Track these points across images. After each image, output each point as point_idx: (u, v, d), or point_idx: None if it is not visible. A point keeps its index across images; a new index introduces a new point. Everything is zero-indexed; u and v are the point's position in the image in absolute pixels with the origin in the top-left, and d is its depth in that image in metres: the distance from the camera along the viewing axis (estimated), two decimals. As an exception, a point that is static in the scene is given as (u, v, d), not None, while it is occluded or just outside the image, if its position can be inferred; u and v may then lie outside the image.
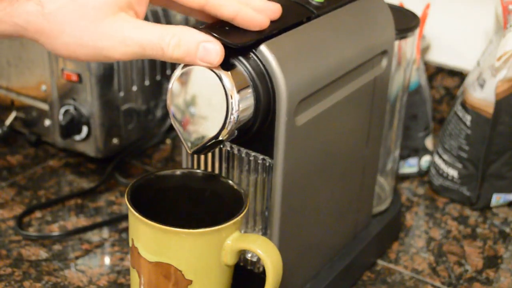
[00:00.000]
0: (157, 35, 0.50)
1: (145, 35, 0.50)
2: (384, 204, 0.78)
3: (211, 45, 0.50)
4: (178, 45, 0.50)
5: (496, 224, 0.83)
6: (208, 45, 0.50)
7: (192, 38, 0.50)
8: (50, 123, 0.89)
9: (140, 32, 0.50)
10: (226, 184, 0.58)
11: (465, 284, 0.73)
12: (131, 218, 0.55)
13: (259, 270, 0.61)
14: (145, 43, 0.50)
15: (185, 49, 0.50)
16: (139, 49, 0.50)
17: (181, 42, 0.50)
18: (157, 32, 0.50)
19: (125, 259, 0.74)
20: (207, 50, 0.50)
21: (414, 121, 0.90)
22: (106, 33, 0.50)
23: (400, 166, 0.90)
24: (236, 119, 0.52)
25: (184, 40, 0.50)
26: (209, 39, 0.50)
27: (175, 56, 0.50)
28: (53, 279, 0.70)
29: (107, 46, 0.50)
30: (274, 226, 0.58)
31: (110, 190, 0.85)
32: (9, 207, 0.81)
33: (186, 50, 0.50)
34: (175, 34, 0.50)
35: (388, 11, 0.65)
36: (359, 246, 0.72)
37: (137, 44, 0.50)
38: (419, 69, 0.90)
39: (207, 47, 0.50)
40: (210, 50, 0.50)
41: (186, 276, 0.54)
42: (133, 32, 0.50)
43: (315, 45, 0.57)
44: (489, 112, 0.81)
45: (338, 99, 0.60)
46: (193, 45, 0.50)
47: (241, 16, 0.52)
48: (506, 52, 0.77)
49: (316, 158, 0.60)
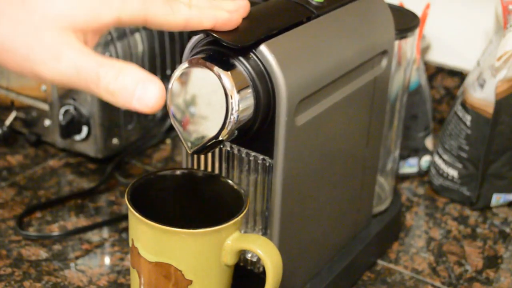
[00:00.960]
0: (97, 62, 0.45)
1: (84, 58, 0.45)
2: (384, 204, 0.78)
3: (152, 86, 0.45)
4: (115, 77, 0.45)
5: (496, 224, 0.83)
6: (150, 84, 0.45)
7: (133, 74, 0.45)
8: (50, 123, 0.89)
9: (79, 54, 0.45)
10: (226, 184, 0.58)
11: (465, 284, 0.73)
12: (131, 218, 0.55)
13: (259, 270, 0.61)
14: (81, 66, 0.45)
15: (122, 83, 0.45)
16: (73, 71, 0.45)
17: (120, 74, 0.45)
18: (98, 60, 0.45)
19: (125, 259, 0.74)
20: (147, 90, 0.45)
21: (414, 121, 0.90)
22: (43, 44, 0.45)
23: (400, 166, 0.90)
24: (236, 119, 0.52)
25: (124, 73, 0.45)
26: (152, 80, 0.45)
27: (110, 88, 0.45)
28: (53, 279, 0.70)
29: (39, 59, 0.45)
30: (274, 226, 0.58)
31: (110, 190, 0.85)
32: (9, 207, 0.81)
33: (123, 85, 0.45)
34: (116, 66, 0.45)
35: (388, 11, 0.65)
36: (359, 246, 0.72)
37: (72, 66, 0.45)
38: (419, 69, 0.90)
39: (148, 86, 0.45)
40: (149, 90, 0.45)
41: (186, 276, 0.54)
42: (71, 52, 0.45)
43: (315, 45, 0.57)
44: (489, 112, 0.81)
45: (338, 99, 0.60)
46: (133, 81, 0.45)
47: (219, 24, 0.51)
48: (506, 52, 0.77)
49: (316, 158, 0.60)
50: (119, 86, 0.45)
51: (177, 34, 0.92)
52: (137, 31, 0.86)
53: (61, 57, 0.45)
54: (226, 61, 0.52)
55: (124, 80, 0.45)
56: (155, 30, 0.88)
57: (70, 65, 0.45)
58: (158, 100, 0.45)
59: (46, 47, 0.45)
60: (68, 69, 0.45)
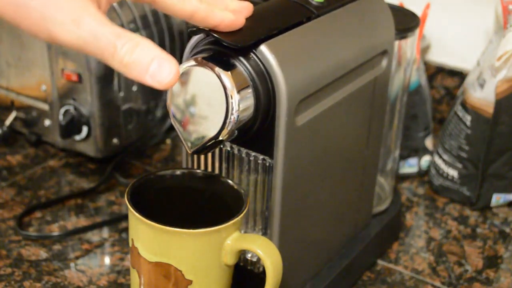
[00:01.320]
0: (115, 32, 0.45)
1: (103, 27, 0.44)
2: (384, 204, 0.78)
3: (167, 63, 0.45)
4: (131, 51, 0.44)
5: (496, 224, 0.83)
6: (165, 62, 0.45)
7: (150, 49, 0.45)
8: (50, 123, 0.89)
9: (99, 22, 0.45)
10: (226, 184, 0.58)
11: (465, 284, 0.73)
12: (131, 218, 0.55)
13: (259, 270, 0.61)
14: (100, 33, 0.44)
15: (137, 57, 0.44)
16: (90, 38, 0.44)
17: (137, 48, 0.44)
18: (117, 30, 0.45)
19: (125, 259, 0.74)
20: (161, 67, 0.44)
21: (414, 121, 0.90)
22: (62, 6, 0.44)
23: (400, 166, 0.90)
24: (236, 119, 0.52)
25: (141, 47, 0.45)
26: (168, 58, 0.45)
27: (125, 61, 0.44)
28: (53, 279, 0.70)
29: (58, 21, 0.44)
30: (274, 226, 0.58)
31: (110, 190, 0.85)
32: (9, 207, 0.81)
33: (138, 59, 0.44)
34: (134, 39, 0.45)
35: (388, 11, 0.65)
36: (359, 246, 0.72)
37: (91, 32, 0.44)
38: (419, 69, 0.90)
39: (162, 64, 0.45)
40: (164, 68, 0.44)
41: (186, 276, 0.54)
42: (91, 19, 0.44)
43: (315, 45, 0.57)
44: (489, 112, 0.81)
45: (338, 99, 0.60)
46: (148, 57, 0.45)
47: (225, 23, 0.51)
48: (506, 52, 0.77)
49: (316, 158, 0.60)
50: (134, 59, 0.44)
51: (177, 34, 0.92)
52: (137, 31, 0.86)
53: (81, 22, 0.44)
54: (226, 61, 0.52)
55: (140, 54, 0.44)
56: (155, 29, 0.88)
57: (88, 32, 0.44)
58: (172, 78, 0.45)
59: (65, 9, 0.44)
60: (87, 36, 0.44)
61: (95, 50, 0.45)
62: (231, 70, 0.52)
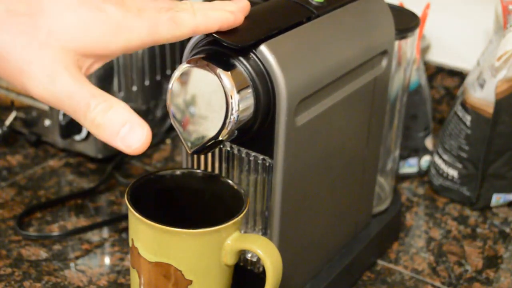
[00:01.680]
0: (90, 92, 0.44)
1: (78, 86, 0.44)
2: (384, 204, 0.78)
3: (139, 128, 0.44)
4: (104, 112, 0.44)
5: (496, 224, 0.83)
6: (137, 127, 0.44)
7: (123, 112, 0.44)
8: (50, 123, 0.89)
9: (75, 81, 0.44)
10: (226, 184, 0.58)
11: (465, 284, 0.73)
12: (131, 218, 0.55)
13: (259, 270, 0.61)
14: (74, 93, 0.44)
15: (109, 119, 0.44)
16: (64, 96, 0.44)
17: (110, 111, 0.44)
18: (91, 90, 0.44)
19: (125, 259, 0.74)
20: (132, 132, 0.44)
21: (414, 121, 0.90)
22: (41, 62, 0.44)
23: (400, 166, 0.90)
24: (236, 119, 0.52)
25: (114, 109, 0.44)
26: (141, 124, 0.44)
27: (96, 122, 0.44)
28: (53, 279, 0.70)
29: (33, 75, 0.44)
30: (274, 226, 0.58)
31: (110, 190, 0.85)
32: (9, 207, 0.81)
33: (110, 121, 0.44)
34: (108, 100, 0.44)
35: (388, 11, 0.65)
36: (359, 246, 0.72)
37: (65, 90, 0.44)
38: (419, 69, 0.90)
39: (134, 128, 0.44)
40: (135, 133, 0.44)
41: (186, 276, 0.54)
42: (67, 77, 0.44)
43: (315, 45, 0.57)
44: (489, 112, 0.81)
45: (338, 99, 0.60)
46: (120, 120, 0.44)
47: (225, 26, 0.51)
48: (506, 52, 0.77)
49: (316, 158, 0.60)
50: (106, 120, 0.44)
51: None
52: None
53: (56, 79, 0.44)
54: (226, 61, 0.52)
55: (112, 116, 0.44)
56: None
57: (63, 89, 0.44)
58: (142, 144, 0.44)
59: (43, 65, 0.44)
60: (60, 93, 0.44)
61: (68, 107, 0.45)
62: (231, 70, 0.52)
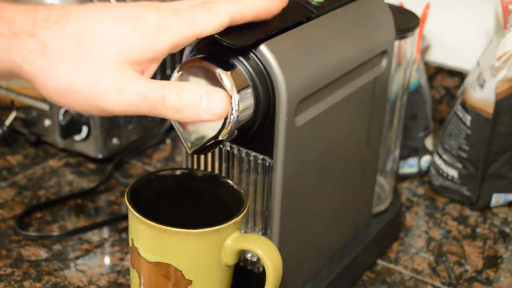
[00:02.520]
0: (159, 85, 0.47)
1: (146, 85, 0.47)
2: (384, 204, 0.78)
3: (215, 94, 0.47)
4: (179, 96, 0.47)
5: (496, 224, 0.83)
6: (212, 94, 0.47)
7: (195, 89, 0.47)
8: (50, 123, 0.89)
9: (141, 82, 0.47)
10: (226, 184, 0.58)
11: (465, 284, 0.73)
12: (131, 218, 0.55)
13: (259, 270, 0.61)
14: (145, 92, 0.47)
15: (187, 100, 0.47)
16: (138, 98, 0.47)
17: (183, 93, 0.47)
18: (159, 83, 0.47)
19: (125, 259, 0.74)
20: (211, 100, 0.47)
21: (414, 121, 0.90)
22: (103, 80, 0.47)
23: (400, 166, 0.90)
24: (236, 119, 0.52)
25: (186, 91, 0.47)
26: (214, 89, 0.48)
27: (177, 106, 0.47)
28: (53, 279, 0.70)
29: (103, 94, 0.47)
30: (274, 226, 0.58)
31: (110, 190, 0.85)
32: (9, 207, 0.81)
33: (188, 101, 0.47)
34: (177, 85, 0.47)
35: (388, 11, 0.65)
36: (359, 246, 0.72)
37: (137, 94, 0.47)
38: (419, 69, 0.90)
39: (211, 96, 0.47)
40: (214, 100, 0.47)
41: (186, 276, 0.54)
42: (134, 82, 0.47)
43: (315, 45, 0.57)
44: (489, 112, 0.81)
45: (338, 99, 0.60)
46: (196, 96, 0.47)
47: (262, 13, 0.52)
48: (506, 52, 0.77)
49: (316, 158, 0.60)
50: (185, 101, 0.47)
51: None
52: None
53: (125, 88, 0.47)
54: (226, 61, 0.52)
55: (189, 96, 0.47)
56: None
57: (134, 94, 0.47)
58: (225, 106, 0.47)
59: (109, 81, 0.47)
60: (133, 98, 0.47)
61: (147, 108, 0.47)
62: (231, 70, 0.52)
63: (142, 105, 0.47)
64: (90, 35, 0.48)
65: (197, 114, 0.47)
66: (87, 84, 0.47)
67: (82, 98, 0.48)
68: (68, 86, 0.48)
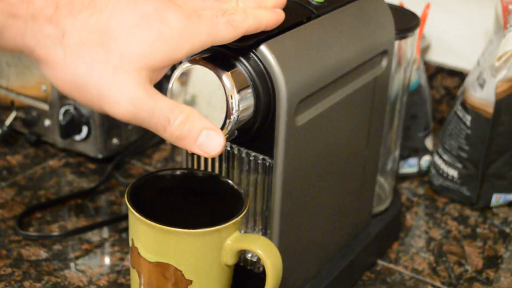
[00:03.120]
0: (168, 107, 0.47)
1: (157, 104, 0.47)
2: (384, 204, 0.78)
3: (214, 134, 0.48)
4: (183, 123, 0.47)
5: (496, 224, 0.83)
6: (212, 133, 0.48)
7: (199, 121, 0.48)
8: (50, 123, 0.89)
9: (151, 99, 0.47)
10: (226, 184, 0.58)
11: (465, 284, 0.73)
12: (131, 218, 0.55)
13: (259, 270, 0.61)
14: (154, 111, 0.47)
15: (188, 129, 0.48)
16: (146, 114, 0.47)
17: (188, 121, 0.47)
18: (169, 104, 0.48)
19: (125, 259, 0.74)
20: (209, 138, 0.48)
21: (414, 121, 0.90)
22: (117, 88, 0.46)
23: (400, 166, 0.90)
24: (236, 119, 0.52)
25: (191, 120, 0.48)
26: (215, 129, 0.48)
27: (177, 133, 0.48)
28: (53, 279, 0.70)
29: (112, 100, 0.47)
30: (274, 226, 0.58)
31: (110, 190, 0.85)
32: (9, 207, 0.81)
33: (189, 131, 0.48)
34: (184, 111, 0.48)
35: (388, 11, 0.65)
36: (359, 246, 0.72)
37: (146, 110, 0.47)
38: (419, 69, 0.90)
39: (210, 134, 0.48)
40: (211, 139, 0.48)
41: (186, 276, 0.54)
42: (145, 98, 0.47)
43: (315, 45, 0.57)
44: (489, 112, 0.81)
45: (338, 99, 0.60)
46: (198, 128, 0.48)
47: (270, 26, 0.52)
48: (506, 52, 0.77)
49: (316, 158, 0.60)
50: (185, 132, 0.48)
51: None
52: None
53: (136, 101, 0.46)
54: (226, 61, 0.52)
55: (191, 127, 0.48)
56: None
57: (143, 110, 0.47)
58: (219, 149, 0.48)
59: (122, 90, 0.46)
60: (141, 113, 0.47)
61: (149, 124, 0.48)
62: (231, 70, 0.52)
63: (146, 120, 0.47)
64: (114, 33, 0.46)
65: (190, 146, 0.48)
66: (100, 86, 0.46)
67: (88, 96, 0.47)
68: (79, 82, 0.47)
